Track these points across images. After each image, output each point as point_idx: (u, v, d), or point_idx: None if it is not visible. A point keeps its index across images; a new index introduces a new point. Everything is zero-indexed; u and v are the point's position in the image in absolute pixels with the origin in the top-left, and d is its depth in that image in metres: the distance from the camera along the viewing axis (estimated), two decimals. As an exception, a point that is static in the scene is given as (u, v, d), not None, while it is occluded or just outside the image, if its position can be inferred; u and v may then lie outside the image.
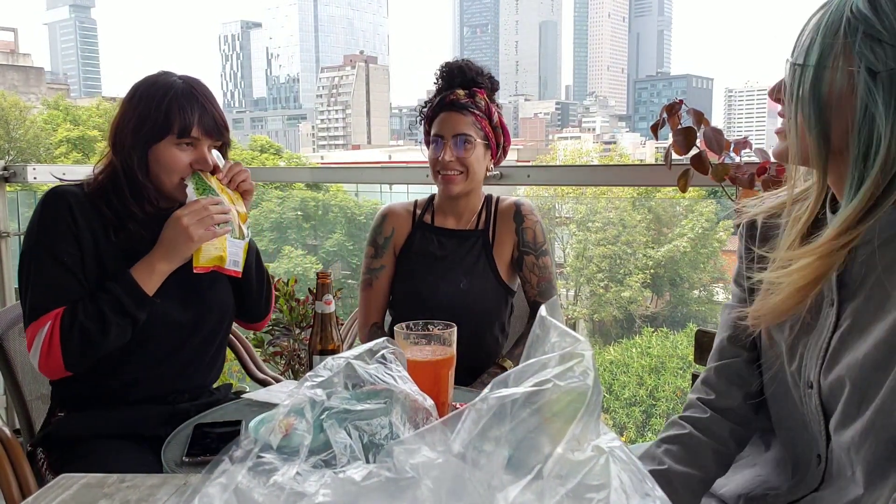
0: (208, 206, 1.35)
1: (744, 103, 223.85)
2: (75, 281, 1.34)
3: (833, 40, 0.83)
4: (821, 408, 0.93)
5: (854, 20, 0.81)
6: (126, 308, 1.32)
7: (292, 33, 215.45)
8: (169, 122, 1.36)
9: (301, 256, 10.81)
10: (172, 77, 1.42)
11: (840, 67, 0.82)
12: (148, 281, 1.34)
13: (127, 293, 1.32)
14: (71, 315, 1.31)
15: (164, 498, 0.87)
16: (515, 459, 0.65)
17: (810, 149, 0.87)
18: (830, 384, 0.90)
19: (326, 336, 1.31)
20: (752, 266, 1.02)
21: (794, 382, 0.97)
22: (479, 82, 1.74)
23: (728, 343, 1.09)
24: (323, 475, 0.67)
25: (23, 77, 37.00)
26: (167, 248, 1.35)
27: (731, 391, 1.05)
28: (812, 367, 0.93)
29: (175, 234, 1.34)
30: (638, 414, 7.91)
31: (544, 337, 0.77)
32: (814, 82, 0.84)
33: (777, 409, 1.03)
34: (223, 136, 1.45)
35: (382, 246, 1.83)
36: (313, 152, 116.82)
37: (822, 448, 0.94)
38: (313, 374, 0.82)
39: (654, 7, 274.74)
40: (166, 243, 1.35)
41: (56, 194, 1.37)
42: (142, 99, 1.38)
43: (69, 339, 1.30)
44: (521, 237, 1.78)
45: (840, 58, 0.82)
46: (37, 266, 1.34)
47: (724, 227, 13.34)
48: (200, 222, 1.34)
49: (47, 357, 1.30)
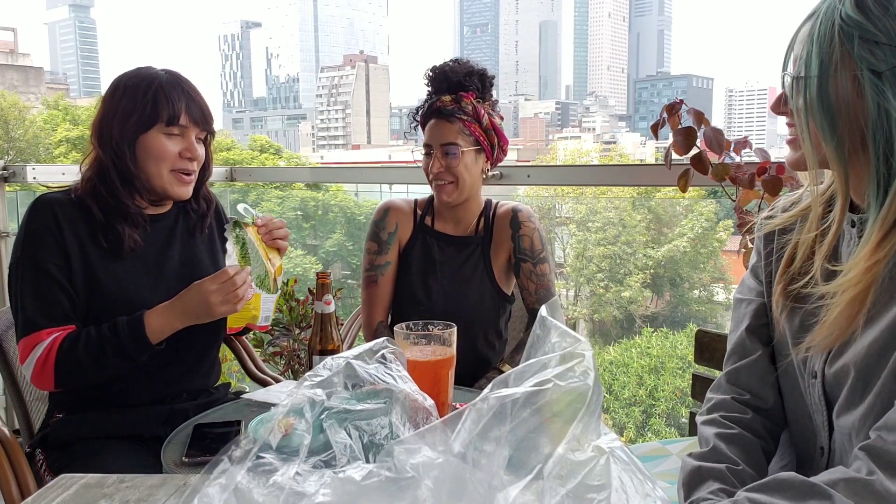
0: (236, 282, 1.33)
1: (744, 103, 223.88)
2: (62, 293, 1.34)
3: (830, 48, 0.85)
4: (824, 397, 0.93)
5: (847, 27, 0.83)
6: (128, 354, 1.31)
7: (292, 33, 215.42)
8: (157, 111, 1.36)
9: (301, 256, 10.81)
10: (154, 69, 1.43)
11: (842, 74, 0.84)
12: (159, 334, 1.33)
13: (133, 340, 1.31)
14: (72, 344, 1.31)
15: (163, 498, 0.87)
16: (516, 459, 0.65)
17: (828, 155, 0.88)
18: (835, 373, 0.90)
19: (326, 336, 1.31)
20: (772, 259, 1.03)
21: (799, 373, 0.97)
22: (466, 85, 1.69)
23: (748, 336, 1.06)
24: (323, 475, 0.67)
25: (22, 77, 36.99)
26: (189, 314, 1.33)
27: (763, 389, 1.03)
28: (817, 358, 0.93)
29: (198, 305, 1.32)
30: (638, 414, 7.91)
31: (545, 337, 0.77)
32: (819, 91, 0.86)
33: (787, 401, 1.03)
34: (209, 126, 1.45)
35: (387, 242, 1.79)
36: (313, 152, 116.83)
37: (825, 439, 0.94)
38: (313, 374, 0.82)
39: (654, 7, 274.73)
40: (189, 309, 1.33)
41: (40, 204, 1.37)
42: (126, 91, 1.38)
43: (64, 366, 1.30)
44: (517, 244, 1.74)
45: (840, 65, 0.84)
46: (24, 277, 1.35)
47: (724, 227, 13.34)
48: (226, 299, 1.32)
49: (40, 374, 1.31)
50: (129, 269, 1.40)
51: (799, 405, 0.99)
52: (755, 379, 1.04)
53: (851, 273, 0.86)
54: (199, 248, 1.54)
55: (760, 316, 1.06)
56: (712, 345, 1.48)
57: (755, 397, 1.03)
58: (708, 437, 0.99)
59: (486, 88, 1.73)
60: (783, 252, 1.01)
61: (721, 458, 0.95)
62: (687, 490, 0.92)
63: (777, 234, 1.04)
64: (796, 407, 1.00)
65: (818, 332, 0.90)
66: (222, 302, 1.31)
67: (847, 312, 0.86)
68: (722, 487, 0.89)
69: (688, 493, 0.91)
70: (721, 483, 0.90)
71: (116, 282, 1.38)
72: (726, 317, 12.81)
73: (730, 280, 13.34)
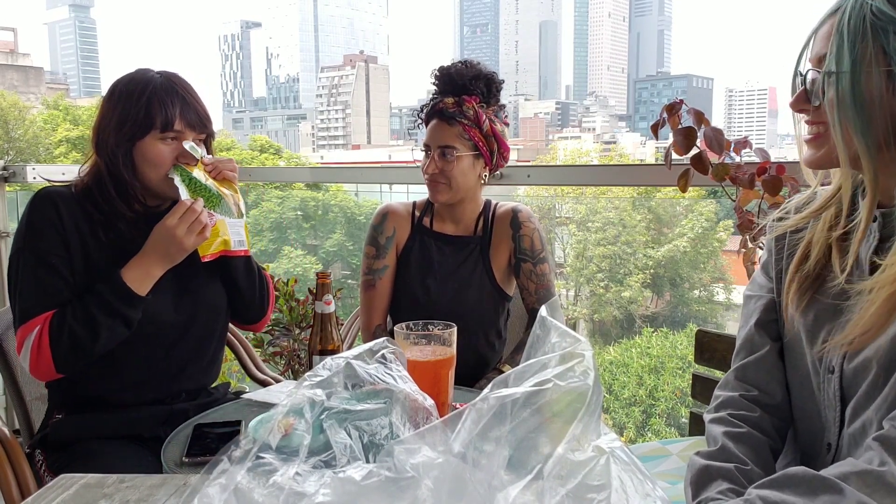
0: (195, 209, 1.35)
1: (744, 103, 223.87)
2: (63, 283, 1.34)
3: (863, 43, 0.84)
4: (839, 393, 0.92)
5: (880, 21, 0.83)
6: (116, 309, 1.31)
7: (292, 33, 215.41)
8: (151, 117, 1.36)
9: (301, 256, 10.82)
10: (150, 73, 1.42)
11: (876, 69, 0.84)
12: (140, 284, 1.33)
13: (117, 294, 1.31)
14: (60, 318, 1.30)
15: (163, 498, 0.87)
16: (516, 459, 0.65)
17: (860, 151, 0.87)
18: (855, 368, 0.89)
19: (326, 336, 1.31)
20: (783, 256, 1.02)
21: (814, 369, 0.97)
22: (471, 89, 1.68)
23: (757, 331, 1.06)
24: (323, 475, 0.67)
25: (22, 77, 36.96)
26: (161, 255, 1.35)
27: (771, 386, 1.03)
28: (835, 354, 0.93)
29: (167, 243, 1.34)
30: (638, 414, 7.91)
31: (545, 337, 0.77)
32: (853, 87, 0.86)
33: (795, 398, 1.02)
34: (206, 128, 1.44)
35: (385, 246, 1.80)
36: (313, 152, 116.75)
37: (834, 436, 0.94)
38: (312, 374, 0.82)
39: (654, 7, 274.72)
40: (160, 250, 1.35)
41: (43, 196, 1.37)
42: (121, 97, 1.38)
43: (58, 342, 1.29)
44: (517, 244, 1.75)
45: (874, 59, 0.84)
46: (25, 268, 1.34)
47: (724, 227, 13.34)
48: (190, 229, 1.34)
49: (37, 360, 1.30)
50: None
51: (808, 402, 0.99)
52: (763, 374, 1.03)
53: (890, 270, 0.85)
54: None
55: (770, 311, 1.05)
56: (712, 345, 1.48)
57: (763, 393, 1.02)
58: (716, 435, 0.99)
59: (492, 93, 1.72)
60: (795, 249, 1.01)
61: (730, 457, 0.94)
62: (695, 489, 0.91)
63: (789, 231, 1.04)
64: (805, 404, 1.00)
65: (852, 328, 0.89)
66: (187, 233, 1.33)
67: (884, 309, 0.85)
68: (731, 487, 0.89)
69: (696, 492, 0.91)
70: (730, 483, 0.90)
71: None
72: (726, 317, 12.81)
73: (730, 280, 13.34)
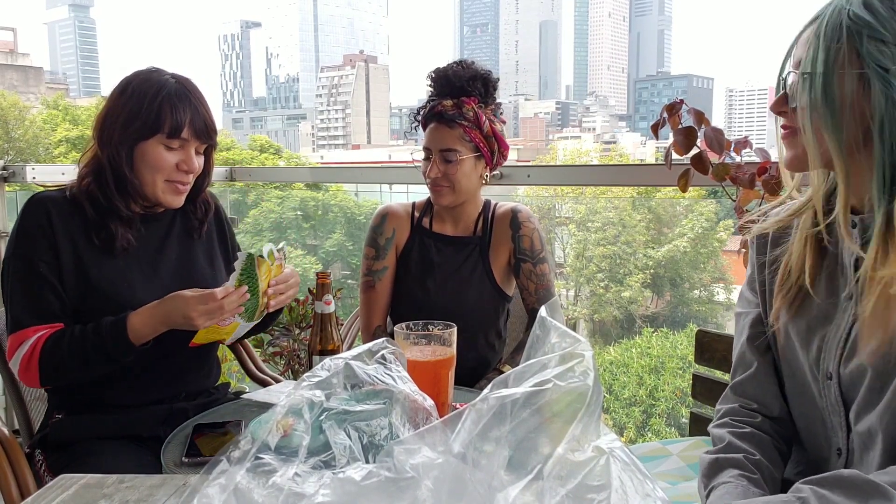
0: (223, 307, 1.28)
1: (744, 103, 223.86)
2: (52, 294, 1.34)
3: (837, 46, 0.87)
4: (840, 398, 0.94)
5: (856, 25, 0.86)
6: (109, 353, 1.30)
7: (292, 33, 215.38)
8: (160, 121, 1.35)
9: (301, 256, 10.82)
10: (165, 75, 1.41)
11: (849, 71, 0.86)
12: (141, 336, 1.30)
13: (115, 341, 1.29)
14: (55, 343, 1.31)
15: (163, 498, 0.87)
16: (516, 460, 0.65)
17: (832, 151, 0.89)
18: (851, 373, 0.91)
19: (326, 336, 1.31)
20: (765, 271, 1.04)
21: (812, 376, 0.98)
22: (469, 90, 1.67)
23: (748, 348, 1.08)
24: (322, 475, 0.67)
25: (22, 77, 36.96)
26: (169, 322, 1.30)
27: (767, 399, 1.04)
28: (831, 358, 0.94)
29: (179, 316, 1.28)
30: (638, 414, 7.92)
31: (544, 337, 0.77)
32: (825, 88, 0.88)
33: (796, 406, 1.03)
34: (212, 139, 1.43)
35: (384, 247, 1.80)
36: (313, 152, 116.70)
37: (843, 441, 0.95)
38: (311, 375, 0.82)
39: (654, 7, 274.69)
40: (171, 319, 1.29)
41: (35, 202, 1.37)
42: (133, 94, 1.37)
43: (48, 364, 1.31)
44: (517, 244, 1.74)
45: (847, 62, 0.86)
46: (15, 275, 1.35)
47: (724, 227, 13.35)
48: (209, 317, 1.28)
49: (25, 371, 1.32)
50: (123, 268, 1.40)
51: (810, 409, 0.99)
52: (759, 390, 1.05)
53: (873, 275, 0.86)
54: (196, 249, 1.53)
55: (757, 325, 1.07)
56: (712, 345, 1.48)
57: (762, 406, 1.05)
58: (721, 435, 1.01)
59: (490, 93, 1.72)
60: (777, 265, 1.02)
61: (737, 449, 0.97)
62: (707, 480, 0.94)
63: (770, 245, 1.05)
64: (807, 411, 1.00)
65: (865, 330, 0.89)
66: (205, 318, 1.28)
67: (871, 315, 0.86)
68: (741, 473, 0.91)
69: (707, 482, 0.94)
70: (740, 469, 0.92)
71: (109, 280, 1.38)
72: (726, 317, 12.82)
73: (730, 280, 13.35)
